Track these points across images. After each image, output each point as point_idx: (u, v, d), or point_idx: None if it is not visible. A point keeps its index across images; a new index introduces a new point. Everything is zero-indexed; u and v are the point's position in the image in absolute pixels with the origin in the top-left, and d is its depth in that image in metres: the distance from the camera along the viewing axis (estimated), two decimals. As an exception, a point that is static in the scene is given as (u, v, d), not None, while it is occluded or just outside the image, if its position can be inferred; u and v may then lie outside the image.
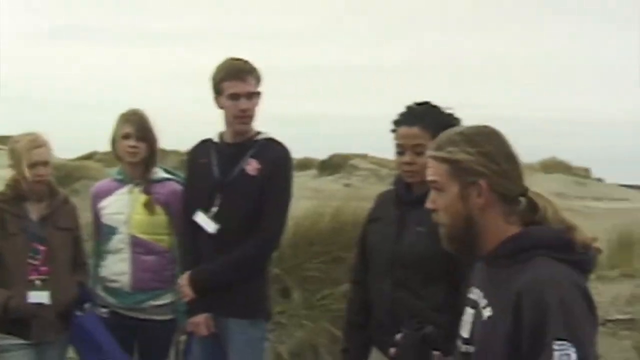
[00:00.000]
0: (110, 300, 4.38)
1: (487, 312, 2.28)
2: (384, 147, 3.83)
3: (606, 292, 8.38)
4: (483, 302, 2.32)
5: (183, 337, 4.53)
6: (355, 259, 3.82)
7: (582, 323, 2.12)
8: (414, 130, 3.43)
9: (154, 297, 4.36)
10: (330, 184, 24.38)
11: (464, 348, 2.40)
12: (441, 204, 2.35)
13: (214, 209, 3.98)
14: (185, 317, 4.40)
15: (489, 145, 2.31)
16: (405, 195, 3.55)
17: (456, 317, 3.35)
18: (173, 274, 4.39)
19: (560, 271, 2.17)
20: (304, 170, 28.14)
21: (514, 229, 2.29)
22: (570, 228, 2.28)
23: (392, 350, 2.48)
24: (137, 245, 4.32)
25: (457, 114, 3.54)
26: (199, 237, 4.05)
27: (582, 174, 28.46)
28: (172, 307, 4.41)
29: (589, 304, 2.17)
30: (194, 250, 4.07)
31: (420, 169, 3.42)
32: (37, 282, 4.13)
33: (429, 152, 2.40)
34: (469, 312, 2.41)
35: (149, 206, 4.33)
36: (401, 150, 3.47)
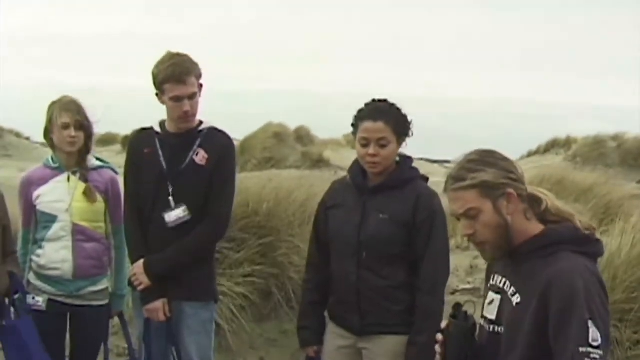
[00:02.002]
0: (49, 288, 4.36)
1: (515, 299, 2.65)
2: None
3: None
4: (510, 290, 2.68)
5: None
6: (311, 243, 4.10)
7: (600, 306, 2.53)
8: (379, 124, 3.76)
9: (93, 284, 4.40)
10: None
11: (490, 328, 2.75)
12: (479, 226, 2.64)
13: (171, 199, 4.09)
14: (118, 301, 4.54)
15: (498, 160, 2.67)
16: (364, 184, 3.87)
17: (413, 295, 3.76)
18: (110, 260, 4.49)
19: (580, 263, 2.58)
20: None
21: (533, 225, 2.68)
22: (569, 216, 2.70)
23: (440, 336, 2.75)
24: (79, 233, 4.34)
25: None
26: (147, 225, 4.15)
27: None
28: (107, 292, 4.49)
29: (604, 289, 2.61)
30: (143, 238, 4.16)
31: (383, 161, 3.78)
32: None
33: (454, 186, 2.65)
34: (494, 296, 2.76)
35: (89, 194, 4.35)
36: (366, 143, 3.78)
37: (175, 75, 4.00)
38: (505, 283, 2.72)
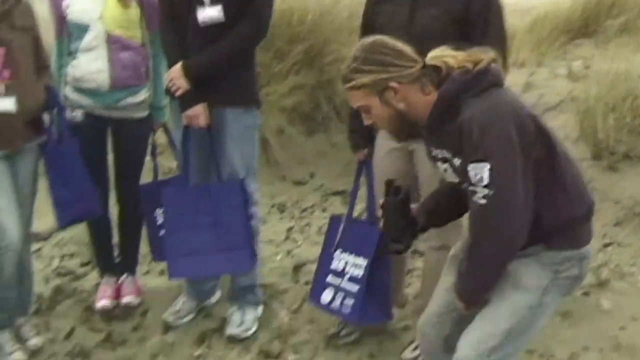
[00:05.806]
0: (85, 101, 4.20)
1: (457, 161, 2.69)
2: None
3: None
4: (449, 155, 2.72)
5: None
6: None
7: (501, 142, 2.52)
8: None
9: (132, 94, 4.22)
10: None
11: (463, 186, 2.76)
12: (374, 118, 2.78)
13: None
14: (158, 113, 4.37)
15: (380, 55, 2.70)
16: None
17: None
18: (148, 70, 4.28)
19: (480, 105, 2.58)
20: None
21: (432, 97, 2.70)
22: (473, 62, 2.68)
23: (380, 212, 2.97)
24: (113, 42, 4.11)
25: None
26: (183, 30, 3.90)
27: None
28: (146, 104, 4.32)
29: (517, 120, 2.57)
30: (180, 42, 3.92)
31: None
32: (0, 89, 3.83)
33: (345, 86, 2.79)
34: (443, 165, 2.81)
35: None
36: None
37: None
38: (442, 152, 2.77)
